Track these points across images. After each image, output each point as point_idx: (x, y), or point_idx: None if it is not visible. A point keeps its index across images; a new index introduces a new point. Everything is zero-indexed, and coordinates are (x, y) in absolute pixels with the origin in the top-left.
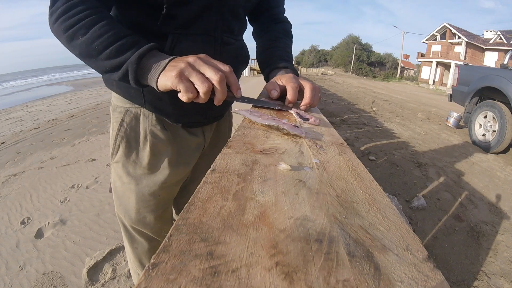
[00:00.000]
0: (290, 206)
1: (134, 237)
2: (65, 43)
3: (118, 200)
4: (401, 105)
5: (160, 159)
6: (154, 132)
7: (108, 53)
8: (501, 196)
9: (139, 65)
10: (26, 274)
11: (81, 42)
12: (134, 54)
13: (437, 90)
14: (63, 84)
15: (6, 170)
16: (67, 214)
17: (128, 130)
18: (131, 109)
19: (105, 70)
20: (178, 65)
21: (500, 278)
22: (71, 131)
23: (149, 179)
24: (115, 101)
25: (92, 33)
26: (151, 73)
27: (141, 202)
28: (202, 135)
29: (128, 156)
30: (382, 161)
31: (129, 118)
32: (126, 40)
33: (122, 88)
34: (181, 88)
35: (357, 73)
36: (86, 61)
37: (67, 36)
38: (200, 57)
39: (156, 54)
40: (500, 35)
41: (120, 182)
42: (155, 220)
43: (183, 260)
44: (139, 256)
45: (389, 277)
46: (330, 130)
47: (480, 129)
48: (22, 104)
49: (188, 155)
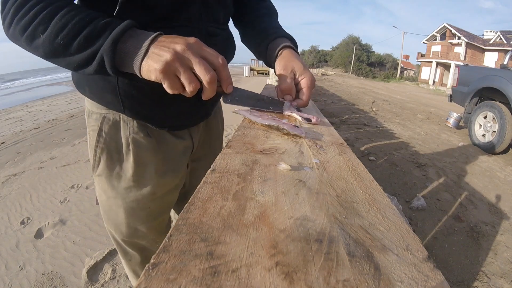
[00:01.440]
0: (290, 206)
1: (126, 250)
2: (26, 46)
3: (106, 214)
4: (401, 106)
5: (145, 169)
6: (137, 139)
7: (77, 44)
8: (501, 197)
9: (115, 51)
10: (26, 274)
11: (43, 40)
12: (107, 40)
13: (437, 90)
14: (63, 84)
15: (6, 170)
16: (67, 214)
17: (107, 139)
18: (108, 115)
19: (78, 66)
20: (163, 55)
21: (500, 279)
22: (71, 131)
23: (137, 192)
24: (89, 106)
25: (53, 26)
26: (131, 58)
27: (130, 216)
28: (190, 138)
29: (111, 168)
30: (382, 162)
31: (107, 126)
32: (94, 24)
33: (97, 93)
34: (166, 84)
35: (357, 73)
36: (54, 61)
37: (26, 37)
38: (190, 44)
39: (133, 34)
40: (500, 35)
41: (105, 196)
42: (148, 230)
43: (183, 260)
44: (133, 267)
45: (389, 277)
46: (330, 130)
47: (480, 129)
48: (22, 104)
49: (175, 161)
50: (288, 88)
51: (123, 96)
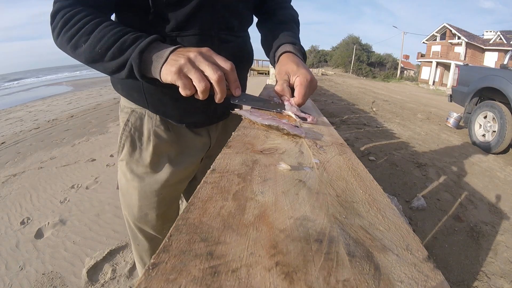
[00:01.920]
0: (290, 206)
1: (136, 235)
2: (71, 53)
3: (123, 197)
4: (401, 106)
5: (162, 159)
6: (158, 132)
7: (111, 54)
8: (501, 197)
9: (141, 59)
10: (26, 274)
11: (84, 49)
12: (135, 50)
13: (437, 90)
14: (63, 84)
15: (6, 170)
16: (67, 214)
17: (132, 129)
18: (136, 109)
19: (112, 71)
20: (178, 60)
21: (500, 279)
22: (71, 131)
23: (151, 178)
24: (123, 102)
25: (93, 38)
26: (154, 65)
27: (143, 199)
28: (208, 135)
29: (132, 155)
30: (382, 162)
31: (134, 118)
32: (126, 37)
33: (126, 91)
34: (179, 84)
35: (357, 73)
36: (93, 66)
37: (71, 46)
38: (202, 52)
39: (157, 46)
40: (500, 35)
41: (124, 179)
42: (156, 217)
43: (183, 260)
44: (140, 253)
45: (389, 277)
46: (330, 130)
47: (480, 129)
48: (22, 104)
49: (191, 155)
50: (280, 90)
51: (147, 94)
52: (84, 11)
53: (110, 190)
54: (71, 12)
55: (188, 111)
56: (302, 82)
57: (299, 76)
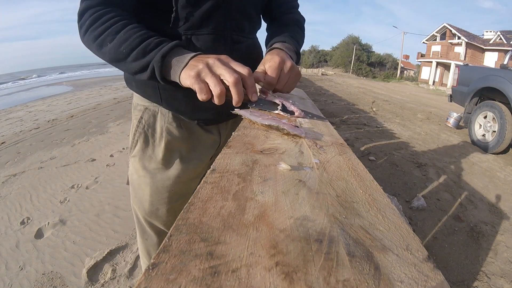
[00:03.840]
0: (290, 206)
1: (145, 229)
2: (96, 51)
3: (134, 192)
4: (401, 106)
5: (174, 155)
6: (170, 129)
7: (135, 55)
8: (501, 197)
9: (163, 63)
10: (26, 274)
11: (110, 48)
12: (158, 54)
13: (437, 90)
14: (63, 84)
15: (6, 170)
16: (67, 214)
17: (146, 126)
18: (149, 107)
19: (134, 71)
20: (197, 65)
21: (500, 279)
22: (71, 131)
23: (163, 174)
24: (136, 100)
25: (118, 38)
26: (174, 69)
27: (155, 194)
28: (218, 133)
29: (144, 151)
30: (382, 162)
31: (147, 116)
32: (150, 41)
33: (141, 88)
34: (196, 88)
35: (357, 73)
36: (116, 65)
37: (97, 45)
38: (220, 58)
39: (179, 51)
40: (500, 35)
41: (136, 175)
42: (167, 212)
43: (183, 260)
44: (147, 248)
45: (389, 277)
46: (330, 130)
47: (480, 129)
48: (22, 104)
49: (201, 152)
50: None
51: (161, 89)
52: (113, 11)
53: (110, 190)
54: (99, 12)
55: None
56: (270, 65)
57: (270, 61)
